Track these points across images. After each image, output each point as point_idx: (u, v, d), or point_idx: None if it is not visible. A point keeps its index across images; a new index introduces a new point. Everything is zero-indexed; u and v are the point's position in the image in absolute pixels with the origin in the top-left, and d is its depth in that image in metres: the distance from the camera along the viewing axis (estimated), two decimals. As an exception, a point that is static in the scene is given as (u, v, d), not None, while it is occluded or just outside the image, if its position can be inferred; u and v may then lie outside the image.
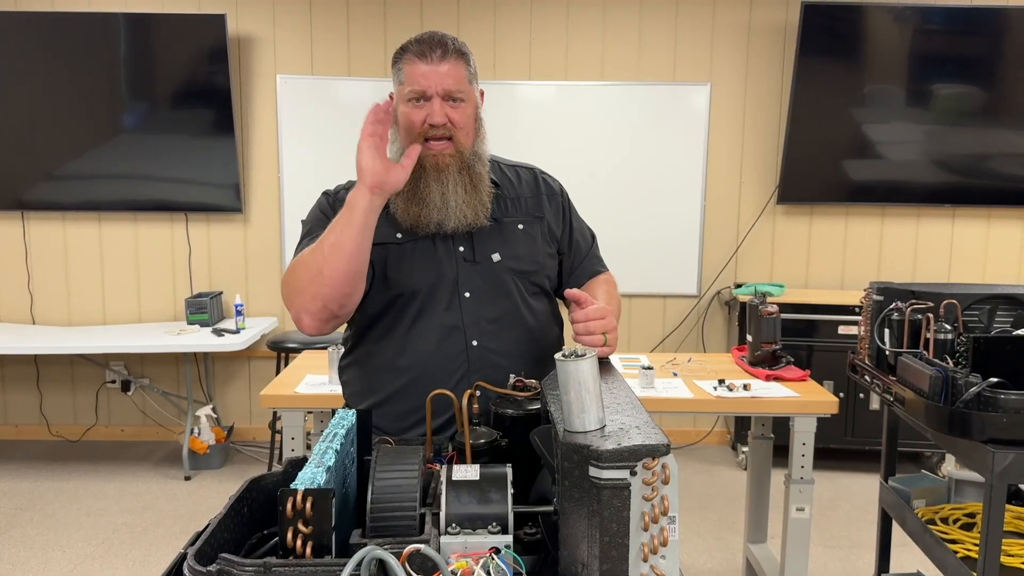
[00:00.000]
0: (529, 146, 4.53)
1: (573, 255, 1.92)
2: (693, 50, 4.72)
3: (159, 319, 4.83)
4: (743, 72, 4.73)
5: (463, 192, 1.71)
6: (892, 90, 4.61)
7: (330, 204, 1.81)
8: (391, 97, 1.80)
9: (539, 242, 1.83)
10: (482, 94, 1.80)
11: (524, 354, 1.73)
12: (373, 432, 1.41)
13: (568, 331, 1.74)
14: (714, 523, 3.85)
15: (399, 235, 1.75)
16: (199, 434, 4.47)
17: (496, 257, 1.76)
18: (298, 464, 1.17)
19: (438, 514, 1.08)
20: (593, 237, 1.99)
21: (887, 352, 2.16)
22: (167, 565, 1.03)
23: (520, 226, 1.81)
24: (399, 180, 1.60)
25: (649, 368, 2.89)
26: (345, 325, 1.83)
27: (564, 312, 1.84)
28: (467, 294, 1.74)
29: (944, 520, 2.19)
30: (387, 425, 1.73)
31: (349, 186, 1.83)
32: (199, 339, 4.33)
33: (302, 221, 1.86)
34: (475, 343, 1.72)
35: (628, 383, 1.38)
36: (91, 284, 4.84)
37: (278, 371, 4.22)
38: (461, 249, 1.75)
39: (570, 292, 1.66)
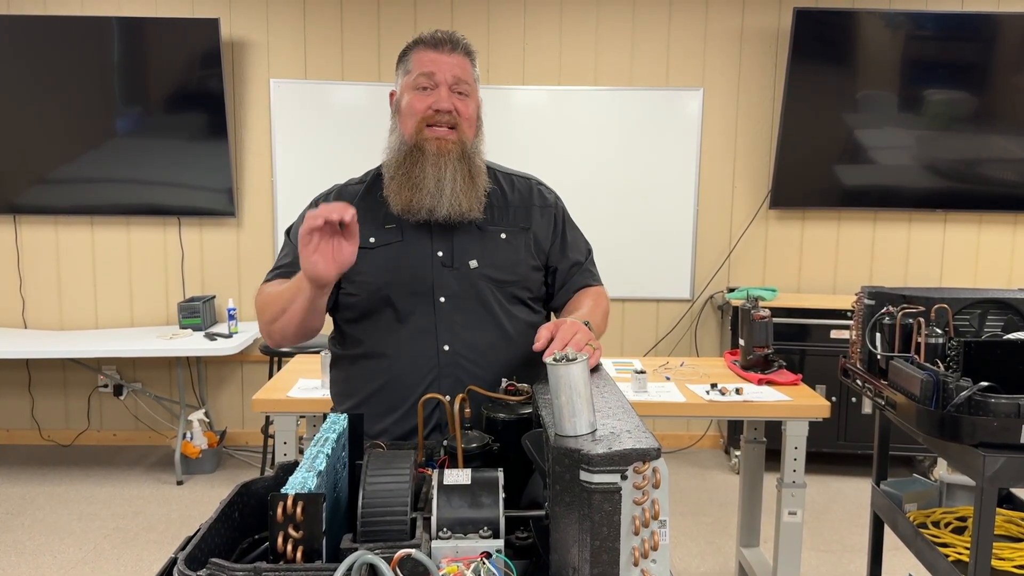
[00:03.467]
0: (522, 151, 4.54)
1: (564, 269, 1.88)
2: (686, 55, 4.73)
3: (152, 323, 4.82)
4: (735, 77, 4.75)
5: (461, 180, 1.71)
6: (884, 95, 4.63)
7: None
8: (391, 95, 1.80)
9: (522, 253, 1.80)
10: (480, 100, 1.81)
11: (498, 362, 1.70)
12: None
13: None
14: (707, 527, 3.86)
15: (372, 239, 1.74)
16: (191, 438, 4.46)
17: (474, 264, 1.74)
18: (289, 468, 1.17)
19: (429, 518, 1.08)
20: (589, 251, 1.95)
21: (878, 356, 2.17)
22: (158, 570, 1.02)
23: (503, 235, 1.78)
24: (344, 264, 1.52)
25: (642, 372, 2.90)
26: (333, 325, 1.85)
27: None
28: (442, 299, 1.73)
29: (936, 524, 2.20)
30: (366, 426, 1.73)
31: (332, 191, 1.84)
32: (192, 343, 4.33)
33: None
34: (447, 348, 1.71)
35: (620, 387, 1.38)
36: (83, 288, 4.82)
37: (271, 375, 4.22)
38: (440, 254, 1.74)
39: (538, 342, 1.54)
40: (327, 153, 4.64)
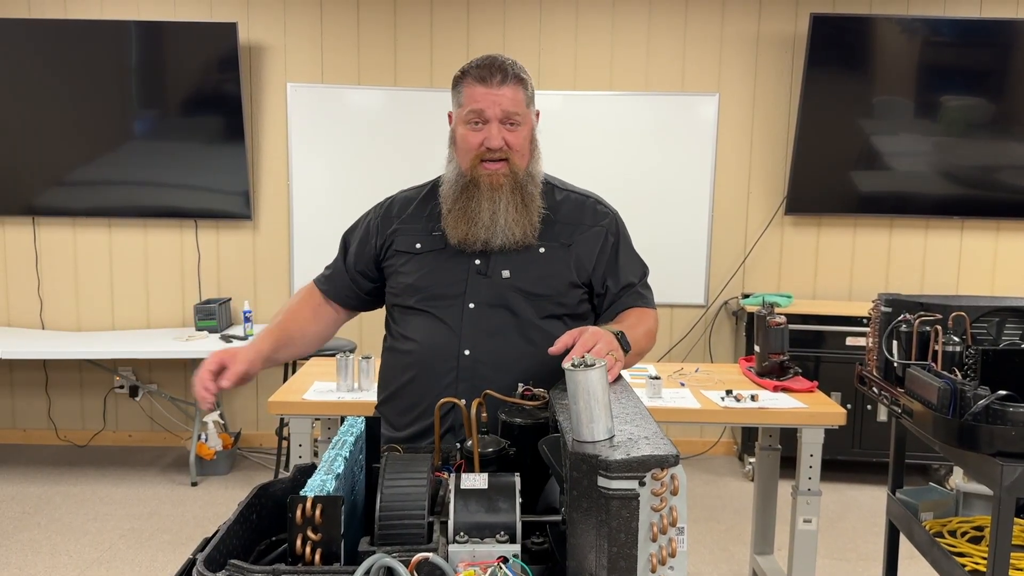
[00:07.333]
0: (537, 155, 4.53)
1: (615, 290, 1.87)
2: (701, 60, 4.73)
3: (168, 325, 4.85)
4: (751, 83, 4.74)
5: (514, 211, 1.78)
6: (900, 101, 4.61)
7: (375, 217, 1.95)
8: (450, 116, 1.87)
9: (558, 268, 1.82)
10: (538, 115, 1.88)
11: (518, 372, 1.68)
12: (383, 424, 1.44)
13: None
14: (720, 534, 3.84)
15: (418, 245, 1.83)
16: (206, 440, 4.48)
17: (506, 274, 1.79)
18: (307, 471, 1.17)
19: (446, 522, 1.08)
20: (644, 273, 1.95)
21: (895, 364, 2.16)
22: (173, 571, 1.03)
23: (542, 249, 1.82)
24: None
25: (656, 378, 2.90)
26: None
27: None
28: (471, 305, 1.78)
29: (952, 533, 2.19)
30: (393, 419, 1.83)
31: (395, 198, 1.95)
32: (207, 345, 4.34)
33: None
34: (467, 352, 1.75)
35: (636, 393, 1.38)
36: (100, 290, 4.86)
37: (286, 378, 4.23)
38: (477, 262, 1.80)
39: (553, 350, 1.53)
40: (343, 156, 4.66)
